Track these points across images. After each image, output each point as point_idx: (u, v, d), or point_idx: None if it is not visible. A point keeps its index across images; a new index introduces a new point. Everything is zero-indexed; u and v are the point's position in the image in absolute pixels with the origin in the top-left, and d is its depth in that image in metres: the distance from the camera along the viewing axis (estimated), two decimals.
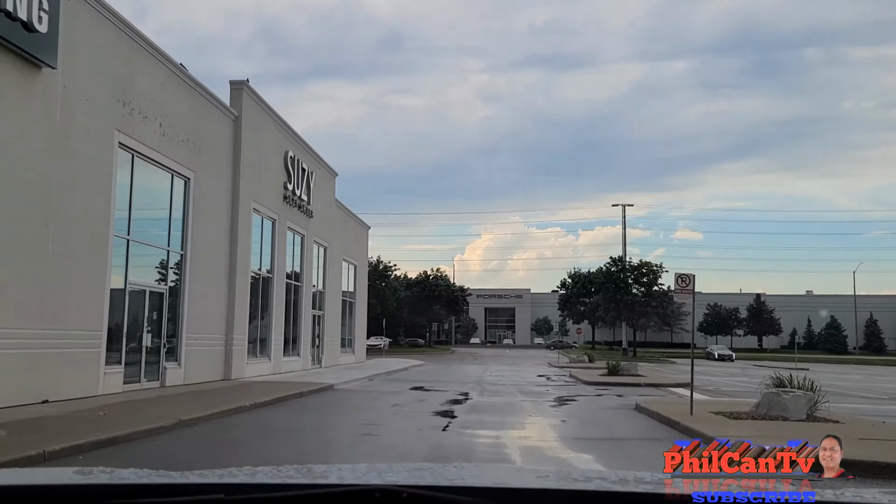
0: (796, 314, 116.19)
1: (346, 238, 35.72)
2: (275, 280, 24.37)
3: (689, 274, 12.75)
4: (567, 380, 28.05)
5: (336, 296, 33.61)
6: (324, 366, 30.56)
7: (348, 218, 36.61)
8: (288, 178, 25.44)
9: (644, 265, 55.75)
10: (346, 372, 27.04)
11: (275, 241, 24.42)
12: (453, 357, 55.51)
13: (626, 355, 58.71)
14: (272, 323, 24.11)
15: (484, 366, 41.07)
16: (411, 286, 66.17)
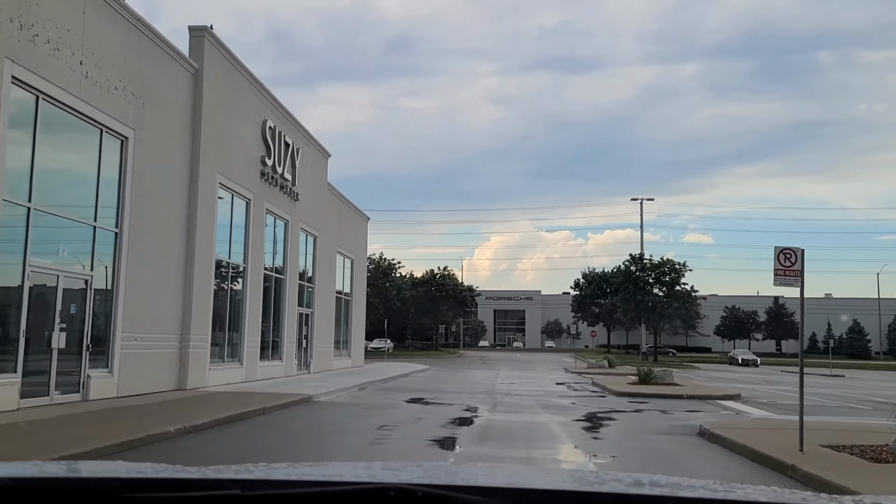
0: (815, 318, 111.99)
1: (342, 228, 31.99)
2: (249, 271, 20.65)
3: (796, 249, 8.91)
4: (592, 389, 24.19)
5: (329, 292, 29.87)
6: (312, 371, 26.81)
7: (344, 206, 32.87)
8: (267, 153, 21.73)
9: (666, 263, 51.90)
10: (335, 379, 23.27)
11: (250, 225, 20.70)
12: (461, 361, 51.75)
13: (646, 359, 54.71)
14: (245, 321, 20.38)
15: (494, 371, 37.25)
16: (417, 285, 62.44)
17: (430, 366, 40.75)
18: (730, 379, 36.57)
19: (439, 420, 13.35)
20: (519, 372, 37.09)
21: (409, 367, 35.53)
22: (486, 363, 49.03)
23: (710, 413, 16.23)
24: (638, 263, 53.19)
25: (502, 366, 44.87)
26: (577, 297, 74.61)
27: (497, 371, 37.18)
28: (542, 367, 45.44)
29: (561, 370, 40.55)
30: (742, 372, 47.85)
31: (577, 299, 74.49)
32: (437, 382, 26.07)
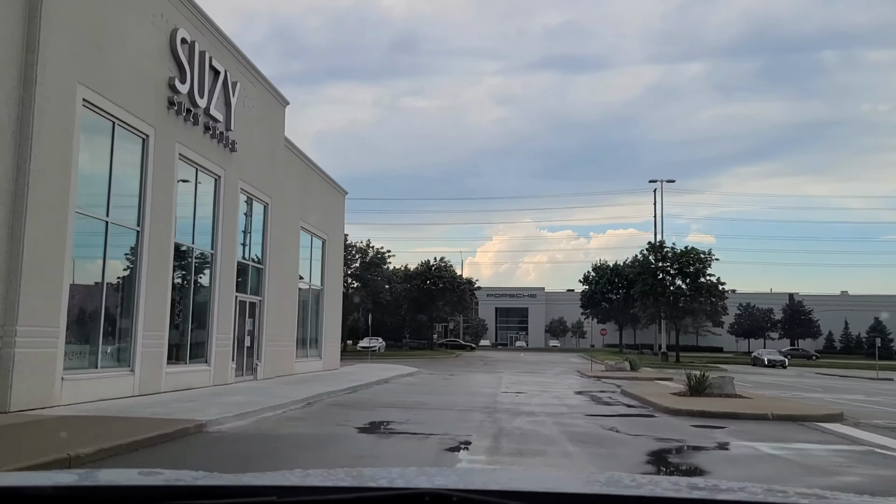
0: (831, 316, 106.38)
1: (309, 200, 25.86)
2: (146, 236, 14.46)
3: None
4: (627, 402, 18.02)
5: (288, 277, 23.72)
6: (260, 377, 20.67)
7: (312, 173, 26.71)
8: (180, 75, 15.56)
9: (689, 252, 45.77)
10: (280, 390, 17.12)
11: (147, 171, 14.52)
12: (458, 362, 45.61)
13: (666, 360, 48.55)
14: (139, 309, 14.20)
15: (496, 375, 31.11)
16: (410, 278, 56.26)
17: (422, 368, 34.69)
18: (777, 385, 30.41)
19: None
20: (526, 376, 30.94)
21: (394, 371, 29.42)
22: (486, 364, 42.89)
23: (842, 451, 10.11)
24: (658, 252, 47.02)
25: (506, 368, 38.73)
26: (585, 292, 68.33)
27: (499, 375, 31.04)
28: (550, 369, 39.27)
29: (574, 373, 34.42)
30: (776, 375, 41.74)
31: (586, 294, 68.20)
32: (422, 392, 19.92)
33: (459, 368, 37.46)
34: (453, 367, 38.20)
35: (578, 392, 21.86)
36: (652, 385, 24.76)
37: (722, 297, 45.86)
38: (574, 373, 34.79)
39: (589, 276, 68.11)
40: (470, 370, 35.81)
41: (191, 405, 12.65)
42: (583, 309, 69.83)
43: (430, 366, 39.15)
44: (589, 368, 36.01)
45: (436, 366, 39.40)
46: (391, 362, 40.83)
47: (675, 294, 46.30)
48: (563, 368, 40.01)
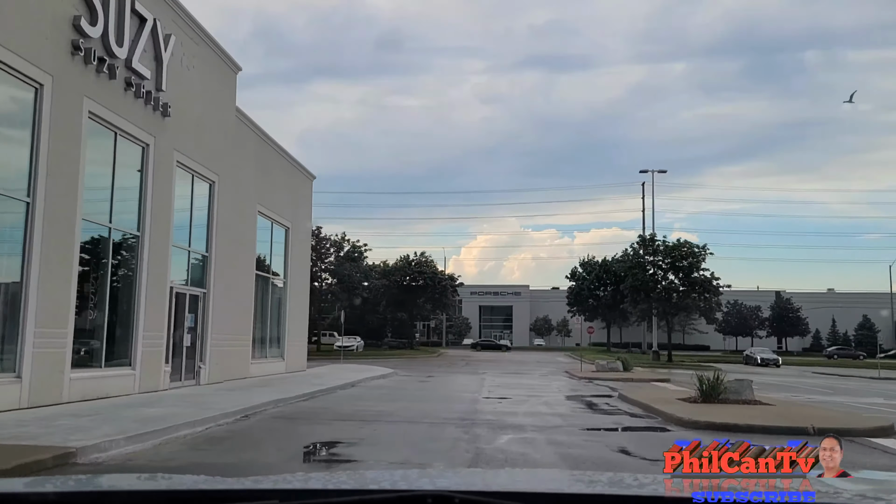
0: (819, 314, 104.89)
1: (269, 182, 23.07)
2: (38, 210, 11.60)
3: None
4: (630, 411, 15.40)
5: (242, 267, 20.92)
6: (205, 381, 17.85)
7: (270, 152, 23.88)
8: (88, 15, 12.72)
9: (683, 245, 43.34)
10: (216, 399, 14.32)
11: (41, 128, 11.66)
12: (439, 362, 42.92)
13: (658, 359, 46.14)
14: (27, 300, 11.35)
15: (478, 376, 28.48)
16: (389, 274, 53.40)
17: (399, 369, 32.01)
18: (782, 386, 28.03)
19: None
20: (511, 378, 28.34)
21: (367, 373, 26.71)
22: (468, 365, 40.28)
23: None
24: (649, 246, 44.57)
25: (489, 368, 36.13)
26: (572, 289, 65.76)
27: (482, 376, 28.41)
28: (537, 369, 36.72)
29: (562, 374, 31.88)
30: (774, 374, 39.51)
31: (572, 291, 65.61)
32: (391, 399, 17.21)
33: (439, 369, 34.79)
34: (432, 368, 35.52)
35: (570, 397, 19.25)
36: (651, 388, 22.21)
37: (717, 293, 43.50)
38: (562, 373, 32.23)
39: (576, 273, 65.54)
40: (450, 371, 33.15)
41: (84, 422, 9.86)
42: (569, 306, 67.27)
43: (408, 366, 36.46)
44: (578, 368, 33.46)
45: (415, 366, 36.72)
46: (367, 362, 38.08)
47: (667, 289, 43.86)
48: (551, 368, 37.46)
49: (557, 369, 36.59)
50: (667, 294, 44.24)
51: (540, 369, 36.61)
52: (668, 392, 19.54)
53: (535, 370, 35.35)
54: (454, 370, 33.87)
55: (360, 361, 39.72)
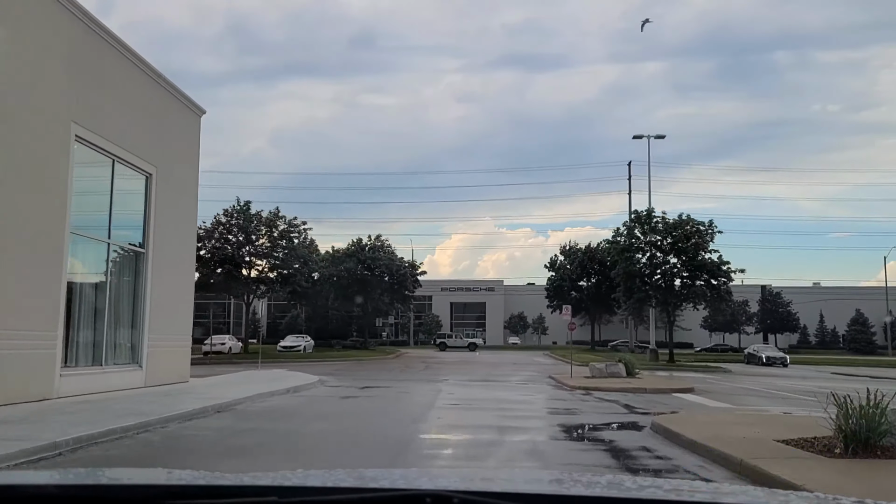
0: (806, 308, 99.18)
1: (103, 97, 15.04)
2: None
3: None
4: (704, 474, 7.66)
5: (39, 223, 12.82)
6: None
7: (112, 54, 15.74)
8: None
9: (686, 222, 35.99)
10: None
11: None
12: (393, 365, 35.04)
13: (657, 359, 38.70)
14: None
15: (434, 387, 20.79)
16: (338, 261, 45.21)
17: (338, 375, 24.44)
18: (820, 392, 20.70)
19: None
20: (478, 389, 20.68)
21: (283, 382, 19.12)
22: (428, 368, 32.53)
23: None
24: (645, 224, 37.12)
25: (452, 373, 28.44)
26: (552, 279, 58.11)
27: (439, 387, 20.72)
28: (513, 373, 29.09)
29: (545, 381, 24.33)
30: (790, 377, 32.50)
31: (552, 283, 57.96)
32: (259, 438, 9.34)
33: (388, 375, 26.95)
34: (381, 374, 27.66)
35: (570, 429, 11.53)
36: (688, 408, 14.61)
37: (727, 279, 36.18)
38: (546, 380, 24.61)
39: (556, 262, 57.89)
40: (400, 378, 25.32)
41: None
42: (549, 300, 59.61)
43: (351, 372, 28.61)
44: (565, 373, 25.90)
45: (359, 371, 28.90)
46: (302, 367, 30.22)
47: (667, 275, 36.44)
48: (530, 373, 29.83)
49: (539, 374, 28.97)
50: (668, 280, 36.82)
51: (517, 374, 28.95)
52: (735, 421, 11.89)
53: (510, 375, 27.68)
54: (405, 377, 26.06)
55: (294, 365, 31.82)
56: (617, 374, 23.57)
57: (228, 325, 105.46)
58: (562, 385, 21.86)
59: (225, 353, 45.18)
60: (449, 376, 26.39)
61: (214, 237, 34.93)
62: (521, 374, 28.69)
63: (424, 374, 28.34)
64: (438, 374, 27.47)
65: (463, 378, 25.38)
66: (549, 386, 22.10)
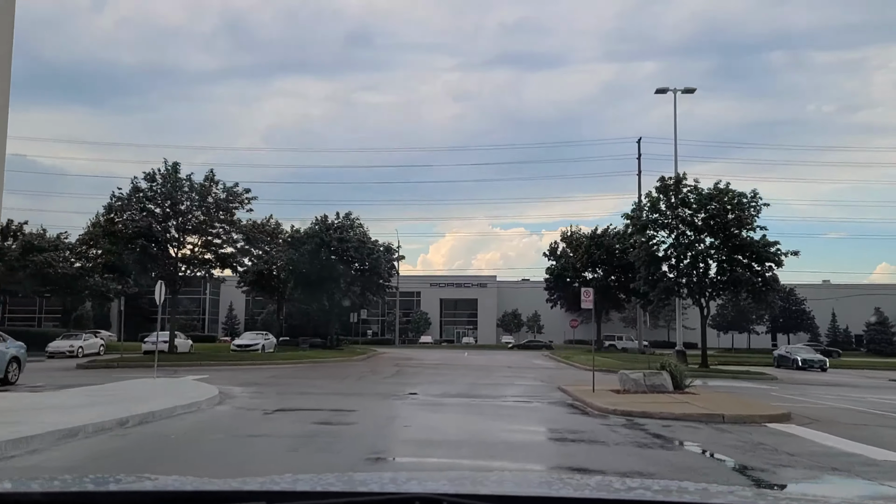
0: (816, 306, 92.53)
1: None
2: None
3: None
4: None
5: None
6: None
7: None
8: None
9: (725, 193, 28.48)
10: None
11: None
12: (358, 369, 27.52)
13: (684, 362, 31.24)
14: None
15: (391, 405, 13.46)
16: (298, 242, 37.30)
17: (270, 383, 17.45)
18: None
19: None
20: (456, 415, 13.24)
21: (153, 402, 12.07)
22: (399, 373, 25.07)
23: None
24: (672, 194, 29.70)
25: (428, 381, 21.05)
26: (552, 269, 50.49)
27: (398, 406, 13.35)
28: (508, 383, 21.64)
29: (553, 393, 17.00)
30: (851, 387, 25.29)
31: (552, 273, 50.33)
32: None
33: (336, 385, 19.45)
34: (328, 383, 20.15)
35: None
36: (849, 464, 7.09)
37: (776, 262, 28.77)
38: (555, 394, 17.18)
39: (557, 249, 50.26)
40: (350, 391, 17.80)
41: None
42: (548, 292, 51.97)
43: (291, 379, 21.19)
44: (580, 383, 18.46)
45: (303, 379, 21.45)
46: (234, 372, 22.86)
47: (697, 258, 28.89)
48: (531, 382, 22.36)
49: (543, 383, 21.52)
50: (700, 265, 29.33)
51: (513, 383, 21.46)
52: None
53: (504, 386, 20.18)
54: (359, 389, 18.54)
55: (230, 370, 24.50)
56: (660, 387, 16.11)
57: (204, 323, 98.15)
58: (584, 405, 14.43)
59: (168, 352, 37.76)
60: (420, 387, 18.94)
61: (133, 206, 27.36)
62: (518, 385, 21.23)
63: (389, 382, 20.86)
64: (407, 384, 19.98)
65: (438, 391, 17.91)
66: (563, 407, 14.64)
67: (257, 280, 44.96)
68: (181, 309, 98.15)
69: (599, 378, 18.73)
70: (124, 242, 26.55)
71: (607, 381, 18.27)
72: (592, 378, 16.83)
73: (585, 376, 25.01)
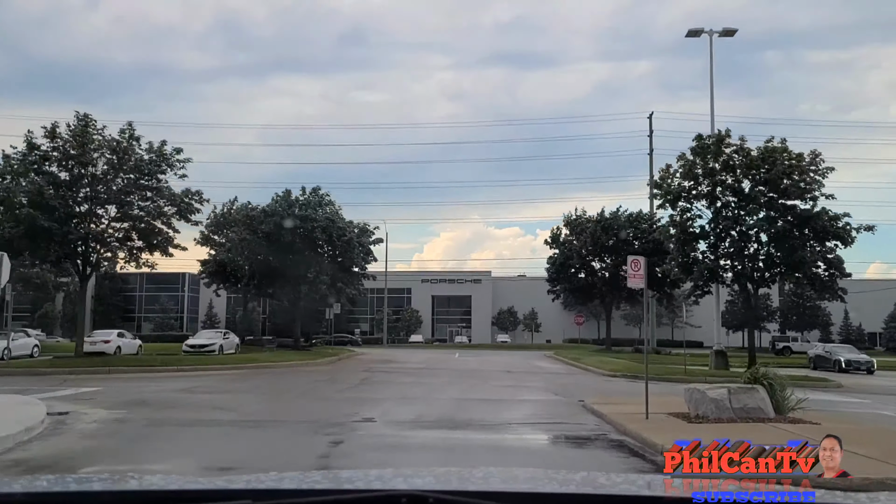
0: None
1: None
2: None
3: None
4: None
5: None
6: None
7: None
8: None
9: (781, 151, 22.61)
10: None
11: None
12: (317, 376, 21.35)
13: (725, 366, 25.25)
14: None
15: (310, 449, 7.14)
16: (254, 221, 30.79)
17: (168, 403, 11.79)
18: None
19: None
20: (422, 464, 6.98)
21: None
22: (363, 383, 18.95)
23: None
24: (712, 153, 23.56)
25: (398, 397, 14.95)
26: (554, 259, 44.11)
27: (321, 455, 7.11)
28: (510, 398, 15.46)
29: (579, 415, 10.95)
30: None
31: (554, 262, 43.93)
32: None
33: (263, 404, 13.43)
34: (248, 402, 14.08)
35: None
36: None
37: (845, 240, 22.69)
38: (581, 418, 11.14)
39: (560, 235, 43.85)
40: (270, 419, 11.67)
41: None
42: (550, 283, 45.65)
43: (210, 393, 15.14)
44: (613, 394, 12.43)
45: (229, 392, 15.39)
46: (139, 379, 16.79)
47: (756, 231, 22.82)
48: (542, 396, 16.19)
49: (558, 397, 15.38)
50: (748, 243, 23.25)
51: (517, 399, 15.30)
52: None
53: (507, 405, 14.04)
54: (288, 414, 12.41)
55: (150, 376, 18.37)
56: (755, 411, 10.07)
57: (183, 321, 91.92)
58: (643, 446, 8.43)
59: (111, 354, 31.50)
60: (385, 405, 12.91)
61: (26, 169, 21.10)
62: (525, 400, 15.12)
63: (343, 398, 14.73)
64: (367, 401, 13.88)
65: (409, 414, 11.85)
66: (611, 450, 8.58)
67: (219, 271, 38.78)
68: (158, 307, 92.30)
69: (638, 390, 12.69)
70: (9, 213, 20.33)
71: (653, 396, 12.23)
72: (645, 396, 10.72)
73: (610, 386, 18.98)
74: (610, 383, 20.78)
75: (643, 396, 10.87)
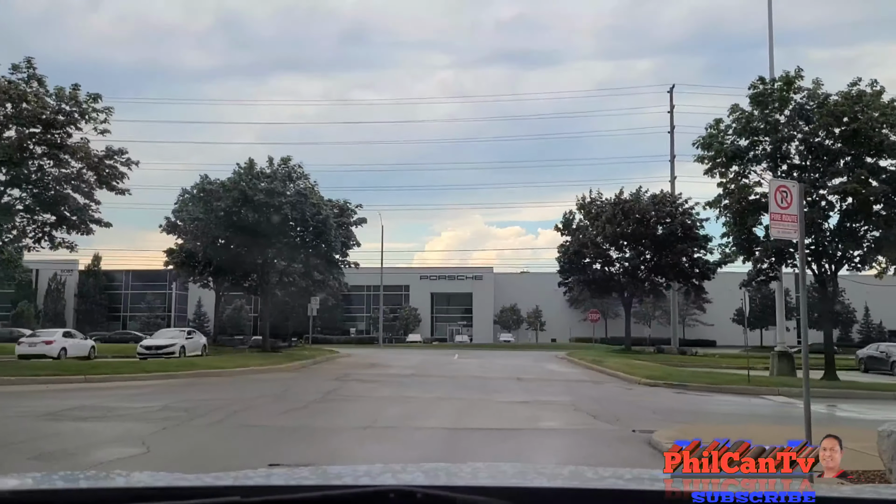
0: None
1: None
2: None
3: None
4: None
5: None
6: None
7: None
8: None
9: (874, 97, 17.70)
10: None
11: None
12: (269, 387, 16.33)
13: (791, 371, 20.09)
14: None
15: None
16: (210, 196, 25.09)
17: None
18: None
19: None
20: None
21: None
22: (330, 395, 13.90)
23: None
24: (779, 97, 18.26)
25: (374, 416, 9.84)
26: (566, 248, 38.73)
27: None
28: (526, 424, 10.26)
29: (651, 465, 5.63)
30: None
31: (566, 252, 38.52)
32: None
33: (143, 441, 8.22)
34: (135, 432, 8.88)
35: None
36: None
37: None
38: (656, 462, 5.93)
39: (572, 221, 38.37)
40: None
41: None
42: (561, 275, 40.18)
43: (79, 417, 9.94)
44: (678, 417, 7.66)
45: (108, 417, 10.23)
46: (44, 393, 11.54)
47: (841, 196, 17.64)
48: (572, 420, 11.02)
49: (604, 429, 10.19)
50: (829, 215, 18.08)
51: (540, 431, 10.17)
52: None
53: (526, 442, 8.93)
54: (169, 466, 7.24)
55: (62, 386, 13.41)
56: None
57: (170, 320, 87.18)
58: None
59: (54, 357, 26.38)
60: (336, 442, 7.79)
61: None
62: (553, 433, 10.03)
63: (275, 430, 9.63)
64: (302, 441, 8.78)
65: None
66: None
67: (186, 262, 33.65)
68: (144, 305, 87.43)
69: (700, 407, 7.54)
70: None
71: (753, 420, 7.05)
72: (807, 429, 5.62)
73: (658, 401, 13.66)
74: (653, 395, 15.68)
75: (716, 418, 5.81)
